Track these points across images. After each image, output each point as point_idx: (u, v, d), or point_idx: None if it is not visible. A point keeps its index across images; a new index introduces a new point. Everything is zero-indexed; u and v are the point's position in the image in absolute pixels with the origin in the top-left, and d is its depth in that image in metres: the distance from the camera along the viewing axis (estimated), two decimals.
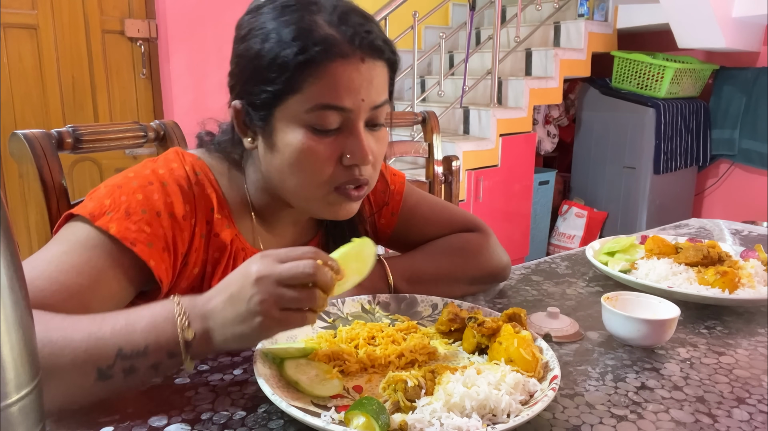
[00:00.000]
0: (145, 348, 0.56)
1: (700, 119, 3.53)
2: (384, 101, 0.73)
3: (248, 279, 0.56)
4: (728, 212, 3.54)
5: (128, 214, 0.69)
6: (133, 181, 0.72)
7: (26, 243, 2.53)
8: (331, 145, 0.71)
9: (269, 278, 0.56)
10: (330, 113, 0.69)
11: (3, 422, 0.34)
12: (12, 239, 0.35)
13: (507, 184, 3.24)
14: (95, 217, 0.67)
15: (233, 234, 0.79)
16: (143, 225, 0.69)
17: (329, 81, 0.68)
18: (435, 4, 3.46)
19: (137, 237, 0.68)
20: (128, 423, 0.57)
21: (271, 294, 0.55)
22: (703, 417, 0.60)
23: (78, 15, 2.75)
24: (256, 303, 0.55)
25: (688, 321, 0.85)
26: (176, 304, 0.58)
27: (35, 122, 2.71)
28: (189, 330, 0.57)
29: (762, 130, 3.27)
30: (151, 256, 0.69)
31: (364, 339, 0.71)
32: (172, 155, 0.78)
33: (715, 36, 3.05)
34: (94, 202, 0.69)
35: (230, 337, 0.57)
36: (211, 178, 0.78)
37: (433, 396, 0.57)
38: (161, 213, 0.71)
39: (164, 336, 0.56)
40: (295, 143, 0.70)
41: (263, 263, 0.57)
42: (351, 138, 0.71)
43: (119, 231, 0.67)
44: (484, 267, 0.94)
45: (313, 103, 0.68)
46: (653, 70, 3.34)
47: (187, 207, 0.74)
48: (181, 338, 0.56)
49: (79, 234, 0.67)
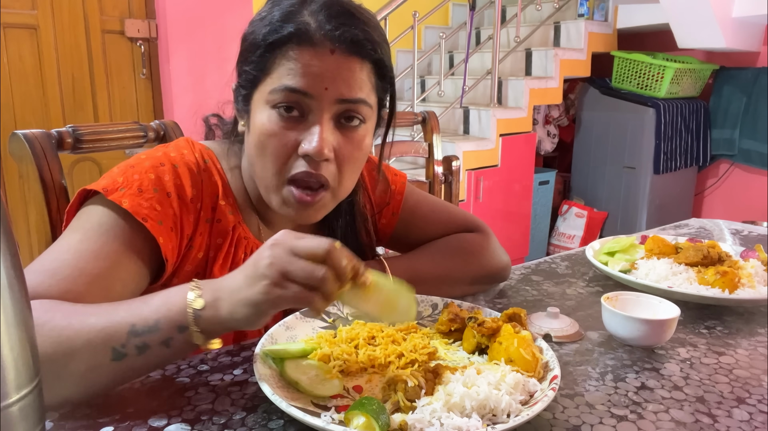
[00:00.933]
0: (156, 322, 0.57)
1: (700, 119, 3.53)
2: (358, 99, 0.71)
3: (264, 247, 0.58)
4: (728, 212, 3.54)
5: (140, 190, 0.71)
6: (146, 161, 0.74)
7: (26, 244, 2.53)
8: (292, 131, 0.71)
9: (284, 245, 0.57)
10: (291, 96, 0.69)
11: (3, 422, 0.34)
12: (12, 239, 0.35)
13: (507, 184, 3.24)
14: (108, 192, 0.69)
15: (236, 221, 0.80)
16: (154, 203, 0.71)
17: (294, 64, 0.69)
18: (435, 4, 3.46)
19: (148, 213, 0.70)
20: (128, 423, 0.57)
21: (282, 260, 0.56)
22: (703, 417, 0.60)
23: (78, 15, 2.75)
24: (266, 266, 0.56)
25: (688, 321, 0.85)
26: (192, 282, 0.60)
27: (35, 122, 2.71)
28: (199, 300, 0.57)
29: (762, 130, 3.27)
30: (160, 233, 0.70)
31: (364, 339, 0.71)
32: (182, 143, 0.80)
33: (715, 36, 3.05)
34: (107, 180, 0.72)
35: (236, 304, 0.57)
36: (218, 167, 0.80)
37: (433, 396, 0.57)
38: (171, 194, 0.73)
39: (175, 309, 0.57)
40: (260, 124, 0.72)
41: (282, 234, 0.58)
42: (311, 126, 0.71)
43: (132, 206, 0.69)
44: (485, 268, 0.94)
45: (276, 85, 0.70)
46: (653, 70, 3.34)
47: (194, 190, 0.76)
48: (190, 308, 0.57)
49: (93, 220, 0.69)
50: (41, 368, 0.39)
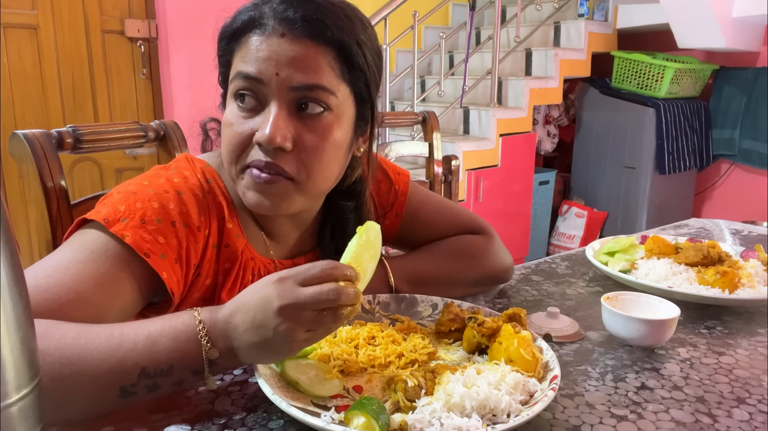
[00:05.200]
0: (170, 368, 0.56)
1: (700, 119, 3.53)
2: (315, 84, 0.68)
3: (271, 307, 0.55)
4: (728, 212, 3.54)
5: (143, 222, 0.67)
6: (149, 188, 0.70)
7: (26, 244, 2.53)
8: (249, 120, 0.70)
9: (293, 307, 0.54)
10: (245, 83, 0.68)
11: (3, 422, 0.34)
12: (12, 239, 0.35)
13: (507, 184, 3.24)
14: (110, 223, 0.66)
15: (243, 244, 0.77)
16: (157, 235, 0.68)
17: (245, 51, 0.69)
18: (435, 4, 3.46)
19: (151, 248, 0.67)
20: (128, 423, 0.57)
21: (297, 322, 0.54)
22: (703, 417, 0.60)
23: (78, 15, 2.75)
24: (284, 332, 0.54)
25: (688, 321, 0.85)
26: (197, 321, 0.57)
27: (35, 122, 2.71)
28: (213, 350, 0.56)
29: (762, 130, 3.27)
30: (163, 268, 0.67)
31: (364, 339, 0.71)
32: (183, 163, 0.77)
33: (715, 36, 3.05)
34: (108, 208, 0.68)
35: (257, 357, 0.58)
36: (220, 185, 0.77)
37: (433, 396, 0.57)
38: (176, 223, 0.70)
39: (189, 356, 0.56)
40: (224, 117, 0.72)
41: (284, 290, 0.55)
42: (265, 114, 0.69)
43: (134, 241, 0.66)
44: (487, 270, 0.94)
45: (233, 73, 0.70)
46: (653, 70, 3.34)
47: (201, 217, 0.72)
48: (205, 358, 0.56)
49: (97, 243, 0.65)
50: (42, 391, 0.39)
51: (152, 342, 0.56)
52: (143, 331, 0.57)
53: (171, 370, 0.56)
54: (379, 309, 0.82)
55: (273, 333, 0.55)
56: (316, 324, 0.55)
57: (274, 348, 0.56)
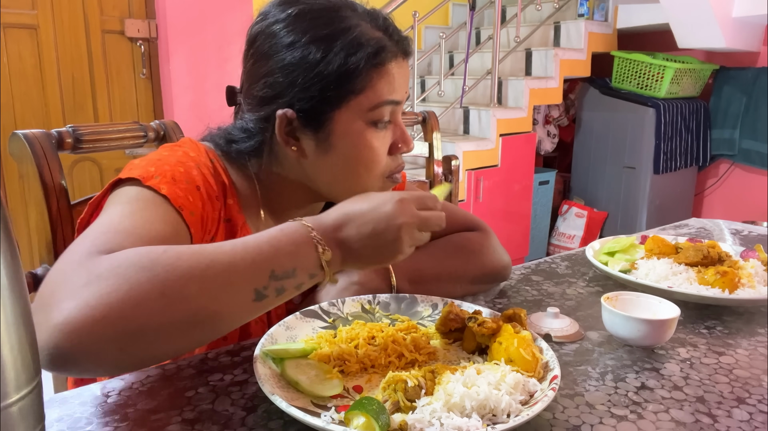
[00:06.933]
0: (293, 270, 0.60)
1: (700, 119, 3.53)
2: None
3: (394, 222, 0.63)
4: (728, 212, 3.54)
5: (174, 180, 0.70)
6: (170, 157, 0.74)
7: (26, 244, 2.53)
8: (385, 138, 0.78)
9: (412, 225, 0.65)
10: (387, 108, 0.76)
11: (3, 422, 0.34)
12: (12, 239, 0.35)
13: (507, 184, 3.24)
14: (145, 179, 0.69)
15: (242, 221, 0.81)
16: (188, 194, 0.71)
17: (390, 79, 0.75)
18: (435, 4, 3.46)
19: (183, 203, 0.69)
20: (128, 423, 0.57)
21: (414, 239, 0.66)
22: (703, 417, 0.60)
23: (78, 15, 2.75)
24: (403, 245, 0.64)
25: (688, 321, 0.85)
26: (310, 231, 0.62)
27: (35, 122, 2.71)
28: (328, 252, 0.62)
29: (762, 130, 3.27)
30: (192, 224, 0.70)
31: (364, 339, 0.71)
32: (189, 144, 0.80)
33: (715, 36, 3.05)
34: (138, 169, 0.70)
35: (365, 261, 0.65)
36: (222, 166, 0.81)
37: (433, 396, 0.57)
38: (201, 187, 0.73)
39: (308, 260, 0.61)
40: (358, 141, 0.76)
41: (405, 209, 0.64)
42: (398, 129, 0.79)
43: (170, 192, 0.68)
44: (486, 267, 0.94)
45: (376, 101, 0.75)
46: (653, 70, 3.34)
47: (217, 188, 0.77)
48: (324, 260, 0.62)
49: (143, 194, 0.68)
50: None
51: (275, 247, 0.60)
52: (263, 238, 0.60)
53: (295, 272, 0.60)
54: (379, 309, 0.82)
55: (392, 247, 0.64)
56: (419, 240, 0.67)
57: (390, 255, 0.65)
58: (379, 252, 0.64)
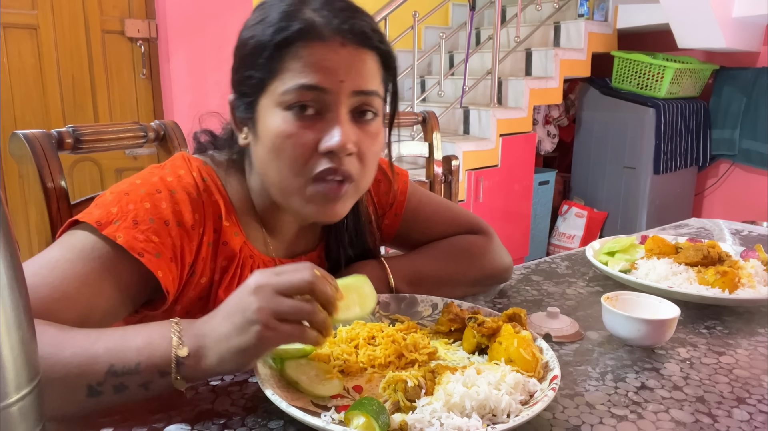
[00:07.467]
0: (137, 365, 0.55)
1: (700, 119, 3.53)
2: (372, 90, 0.71)
3: (246, 290, 0.57)
4: (728, 212, 3.54)
5: (136, 222, 0.67)
6: (141, 188, 0.71)
7: (26, 244, 2.53)
8: (310, 130, 0.69)
9: (267, 287, 0.56)
10: (306, 94, 0.68)
11: (3, 422, 0.34)
12: (12, 239, 0.35)
13: (507, 184, 3.24)
14: (102, 226, 0.66)
15: (242, 242, 0.77)
16: (151, 234, 0.68)
17: (306, 61, 0.67)
18: (435, 4, 3.46)
19: (145, 247, 0.67)
20: (128, 423, 0.57)
21: (269, 302, 0.55)
22: (703, 417, 0.60)
23: (78, 15, 2.75)
24: (254, 311, 0.55)
25: (688, 321, 0.85)
26: (173, 323, 0.58)
27: (35, 122, 2.71)
28: (183, 348, 0.56)
29: (762, 130, 3.27)
30: (158, 267, 0.67)
31: (364, 339, 0.71)
32: (179, 161, 0.76)
33: (715, 36, 3.05)
34: (100, 209, 0.68)
35: (225, 353, 0.56)
36: (218, 184, 0.77)
37: (433, 396, 0.57)
38: (169, 222, 0.70)
39: (157, 354, 0.56)
40: (273, 128, 0.69)
41: (261, 275, 0.58)
42: (329, 122, 0.69)
43: (127, 241, 0.66)
44: (486, 270, 0.94)
45: (290, 85, 0.68)
46: (653, 70, 3.34)
47: (195, 215, 0.72)
48: (174, 355, 0.55)
49: (85, 243, 0.65)
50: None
51: (125, 340, 0.56)
52: (120, 332, 0.57)
53: (138, 368, 0.55)
54: (379, 309, 0.82)
55: (243, 317, 0.56)
56: (288, 311, 0.56)
57: (244, 334, 0.56)
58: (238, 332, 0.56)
